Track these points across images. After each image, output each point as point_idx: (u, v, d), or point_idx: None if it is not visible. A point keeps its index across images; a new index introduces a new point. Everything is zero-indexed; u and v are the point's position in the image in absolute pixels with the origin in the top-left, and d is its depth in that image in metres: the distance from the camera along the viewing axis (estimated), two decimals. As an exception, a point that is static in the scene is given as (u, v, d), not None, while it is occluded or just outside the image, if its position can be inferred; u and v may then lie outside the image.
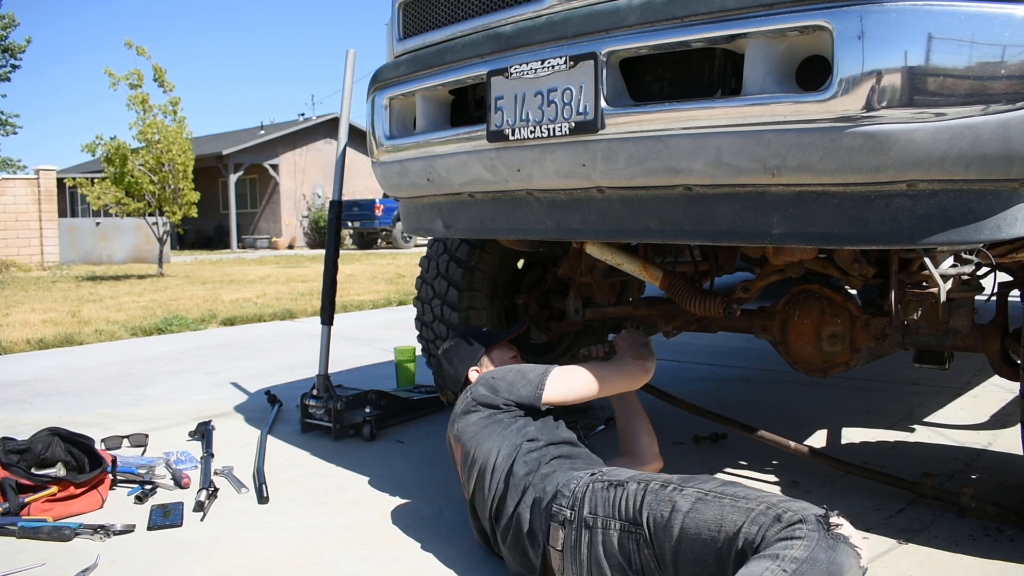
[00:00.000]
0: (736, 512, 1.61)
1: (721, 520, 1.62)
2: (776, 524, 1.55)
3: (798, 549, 1.47)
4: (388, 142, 2.63)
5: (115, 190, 13.09)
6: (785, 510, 1.57)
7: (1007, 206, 1.70)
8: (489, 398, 2.16)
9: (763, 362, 4.76)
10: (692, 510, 1.67)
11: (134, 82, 12.86)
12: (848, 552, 1.49)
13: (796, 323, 2.69)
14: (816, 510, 1.56)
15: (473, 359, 2.41)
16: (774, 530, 1.54)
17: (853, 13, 1.59)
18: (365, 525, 2.42)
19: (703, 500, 1.68)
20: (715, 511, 1.64)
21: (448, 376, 2.44)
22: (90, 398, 4.23)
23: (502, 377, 2.20)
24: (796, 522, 1.53)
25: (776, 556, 1.48)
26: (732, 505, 1.63)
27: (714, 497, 1.67)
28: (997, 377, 3.17)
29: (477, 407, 2.16)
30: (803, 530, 1.51)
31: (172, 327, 6.81)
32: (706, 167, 1.84)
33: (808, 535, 1.50)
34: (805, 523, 1.52)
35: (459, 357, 2.43)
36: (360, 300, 8.65)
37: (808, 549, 1.47)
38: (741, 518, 1.60)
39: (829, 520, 1.53)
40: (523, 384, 2.17)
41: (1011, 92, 1.58)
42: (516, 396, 2.15)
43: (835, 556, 1.47)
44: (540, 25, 2.12)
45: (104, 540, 2.32)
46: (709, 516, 1.64)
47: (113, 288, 10.88)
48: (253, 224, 31.19)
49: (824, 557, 1.46)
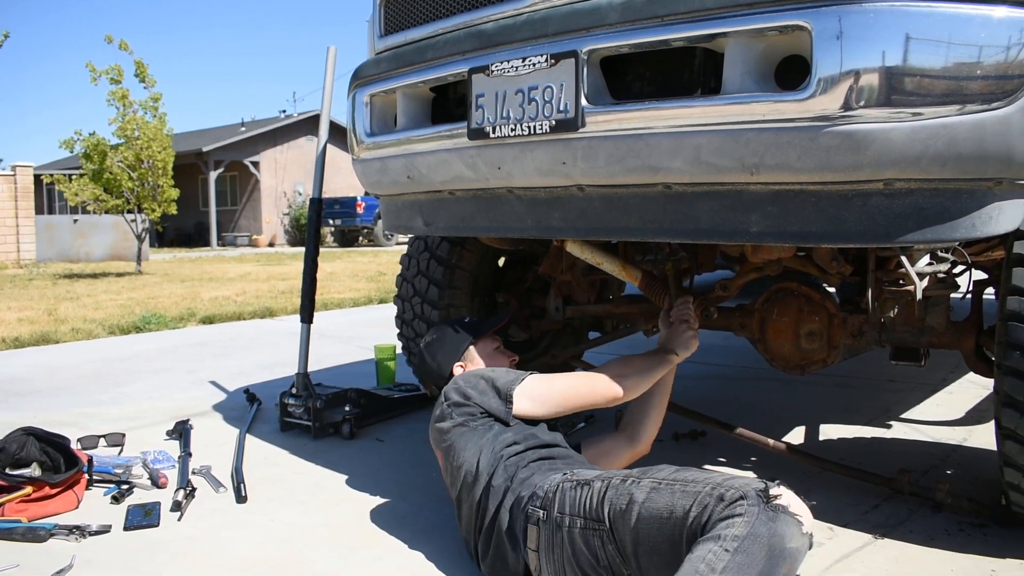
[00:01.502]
0: (685, 497, 1.63)
1: (672, 506, 1.64)
2: (719, 504, 1.56)
3: (739, 527, 1.49)
4: (369, 139, 2.62)
5: (93, 187, 12.96)
6: (727, 488, 1.59)
7: (982, 205, 1.72)
8: (461, 404, 2.13)
9: (742, 359, 4.78)
10: (647, 500, 1.68)
11: (115, 77, 12.74)
12: (788, 521, 1.50)
13: (774, 321, 2.70)
14: (757, 484, 1.58)
15: (457, 354, 2.39)
16: (717, 510, 1.56)
17: (831, 13, 1.60)
18: (344, 524, 2.42)
19: (656, 489, 1.69)
20: (667, 498, 1.66)
21: (431, 371, 2.41)
22: (66, 397, 4.19)
23: (473, 385, 2.16)
24: (737, 499, 1.55)
25: (718, 537, 1.50)
26: (682, 490, 1.65)
27: (666, 485, 1.69)
28: (972, 374, 3.21)
29: (451, 412, 2.13)
30: (744, 506, 1.52)
31: (150, 325, 6.76)
32: (685, 165, 1.85)
33: (748, 510, 1.51)
34: (746, 499, 1.54)
35: (442, 352, 2.40)
36: (341, 298, 8.63)
37: (748, 525, 1.49)
38: (689, 502, 1.61)
39: (769, 492, 1.55)
40: (492, 396, 2.13)
41: (986, 93, 1.60)
42: (487, 407, 2.12)
43: (776, 527, 1.49)
44: (521, 23, 2.12)
45: (80, 541, 2.30)
46: (662, 503, 1.66)
47: (91, 286, 10.78)
48: (233, 222, 31.02)
49: (765, 530, 1.48)
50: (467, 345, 2.40)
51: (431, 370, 2.41)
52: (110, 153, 12.73)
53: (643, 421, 2.44)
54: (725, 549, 1.47)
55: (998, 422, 2.06)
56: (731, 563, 1.46)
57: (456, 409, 2.13)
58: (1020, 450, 2.01)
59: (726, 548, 1.47)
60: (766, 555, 1.47)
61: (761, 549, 1.47)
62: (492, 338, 2.48)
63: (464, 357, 2.39)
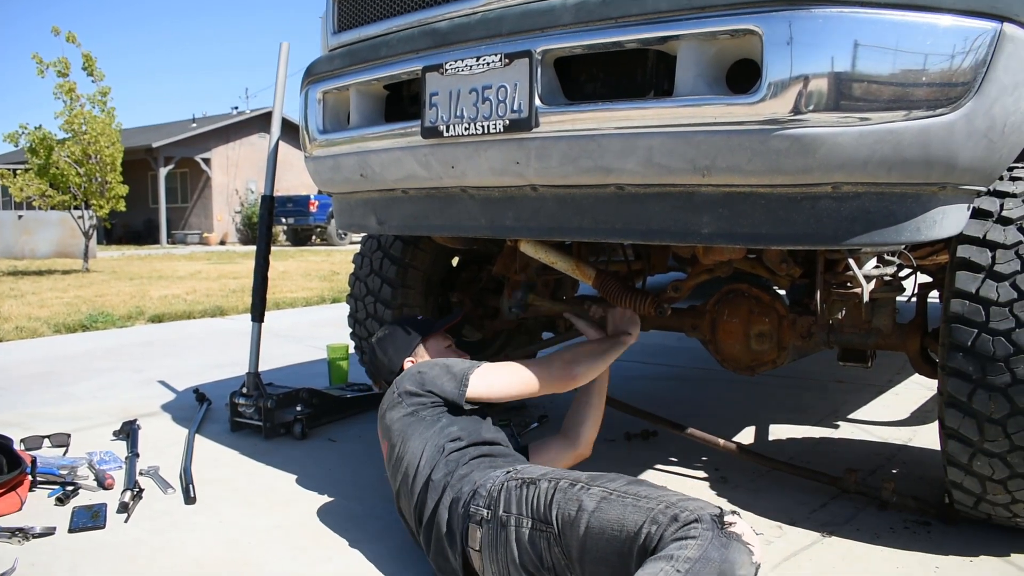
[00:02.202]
0: (637, 512, 1.64)
1: (623, 520, 1.64)
2: (673, 524, 1.57)
3: (692, 549, 1.51)
4: (321, 136, 2.60)
5: (39, 182, 12.68)
6: (682, 509, 1.60)
7: (927, 209, 1.76)
8: (414, 391, 2.13)
9: (694, 360, 4.83)
10: (597, 509, 1.69)
11: (62, 70, 12.46)
12: (740, 549, 1.52)
13: (725, 322, 2.73)
14: (712, 509, 1.59)
15: (408, 349, 2.39)
16: (671, 530, 1.57)
17: (782, 18, 1.62)
18: (295, 525, 2.39)
19: (607, 499, 1.70)
20: (618, 511, 1.66)
21: (382, 366, 2.40)
22: (9, 397, 4.09)
23: (428, 371, 2.17)
24: (692, 522, 1.56)
25: (671, 557, 1.51)
26: (634, 505, 1.66)
27: (618, 496, 1.69)
28: (917, 375, 3.28)
29: (402, 402, 2.13)
30: (698, 529, 1.54)
31: (97, 324, 6.62)
32: (638, 167, 1.86)
33: (702, 534, 1.53)
34: (700, 522, 1.55)
35: (394, 347, 2.40)
36: (293, 297, 8.54)
37: (701, 548, 1.50)
38: (641, 518, 1.62)
39: (723, 519, 1.56)
40: (448, 379, 2.14)
41: (931, 99, 1.64)
42: (440, 390, 2.12)
43: (727, 554, 1.50)
44: (475, 22, 2.12)
45: (23, 543, 2.25)
46: (612, 516, 1.66)
47: (35, 283, 10.54)
48: (184, 219, 30.55)
49: (716, 555, 1.50)
50: (418, 341, 2.40)
51: (382, 365, 2.40)
52: (57, 148, 12.46)
53: (583, 423, 2.45)
54: (677, 570, 1.48)
55: (942, 422, 2.10)
56: None
57: (407, 398, 2.13)
58: (963, 449, 2.05)
59: (678, 569, 1.48)
60: None
61: (712, 573, 1.48)
62: (443, 336, 2.48)
63: (415, 353, 2.39)
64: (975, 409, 1.98)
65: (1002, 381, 1.93)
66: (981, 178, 1.83)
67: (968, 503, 2.18)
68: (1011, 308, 1.92)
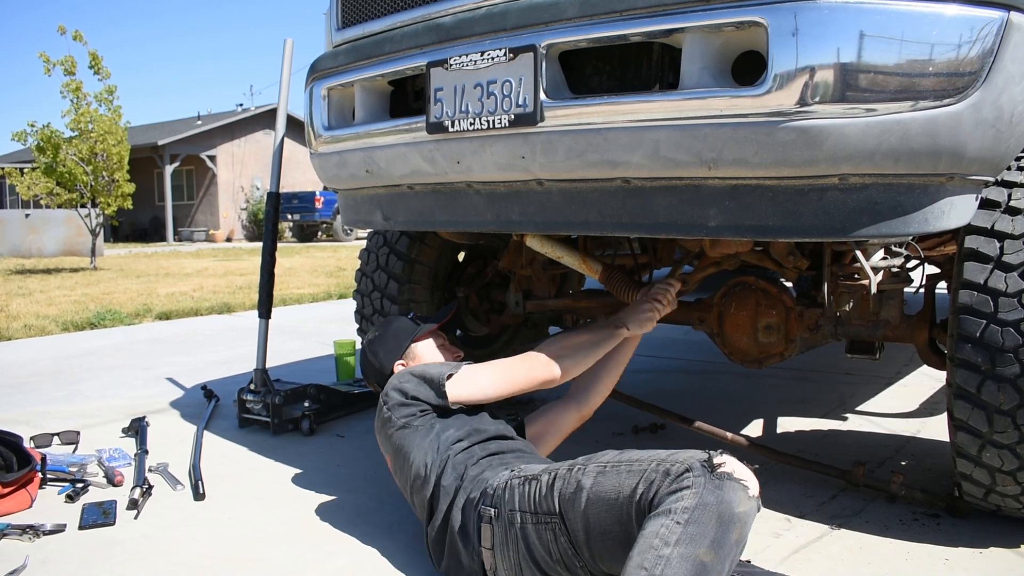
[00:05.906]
0: (631, 476, 1.65)
1: (619, 486, 1.66)
2: (666, 479, 1.59)
3: (687, 499, 1.52)
4: (326, 133, 2.60)
5: (46, 180, 12.72)
6: (672, 463, 1.61)
7: (934, 200, 1.75)
8: (401, 402, 2.10)
9: (701, 353, 4.82)
10: (594, 484, 1.70)
11: (68, 68, 12.48)
12: (735, 487, 1.53)
13: (732, 315, 2.73)
14: (700, 455, 1.61)
15: (398, 351, 2.35)
16: (664, 485, 1.58)
17: (787, 10, 1.61)
18: (303, 520, 2.40)
19: (603, 472, 1.71)
20: (613, 480, 1.68)
21: (372, 368, 2.37)
22: (19, 395, 4.11)
23: (408, 379, 2.14)
24: (683, 472, 1.57)
25: (669, 511, 1.52)
26: (627, 470, 1.67)
27: (612, 467, 1.71)
28: (926, 367, 3.26)
29: (391, 416, 2.11)
30: (690, 478, 1.55)
31: (105, 322, 6.64)
32: (644, 160, 1.85)
33: (695, 482, 1.54)
34: (691, 471, 1.56)
35: (384, 349, 2.36)
36: (300, 293, 8.56)
37: (697, 496, 1.52)
38: (635, 480, 1.64)
39: (713, 462, 1.57)
40: (424, 389, 2.11)
41: (938, 89, 1.63)
42: (425, 398, 2.10)
43: (723, 495, 1.52)
44: (480, 17, 2.11)
45: (33, 540, 2.26)
46: (608, 486, 1.68)
47: (43, 282, 10.58)
48: (190, 216, 30.63)
49: (713, 499, 1.51)
50: (409, 342, 2.37)
51: (373, 367, 2.37)
52: (64, 146, 12.49)
53: (594, 386, 2.45)
54: (676, 522, 1.50)
55: (950, 414, 2.09)
56: (684, 535, 1.48)
57: (396, 411, 2.10)
58: (972, 441, 2.05)
59: (677, 521, 1.50)
60: (716, 522, 1.50)
61: (711, 517, 1.50)
62: (436, 334, 2.44)
63: (406, 355, 2.36)
64: (984, 400, 1.98)
65: (1011, 372, 1.92)
66: (989, 168, 1.82)
67: (978, 495, 2.18)
68: (1020, 298, 1.91)
